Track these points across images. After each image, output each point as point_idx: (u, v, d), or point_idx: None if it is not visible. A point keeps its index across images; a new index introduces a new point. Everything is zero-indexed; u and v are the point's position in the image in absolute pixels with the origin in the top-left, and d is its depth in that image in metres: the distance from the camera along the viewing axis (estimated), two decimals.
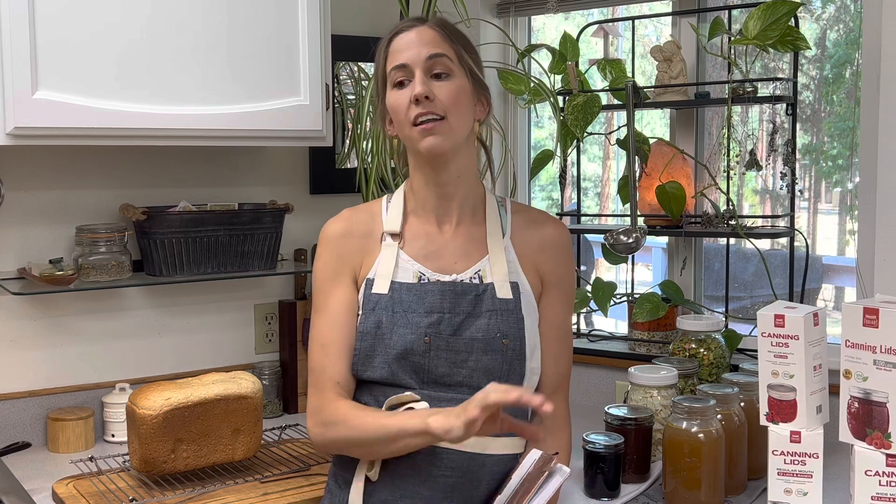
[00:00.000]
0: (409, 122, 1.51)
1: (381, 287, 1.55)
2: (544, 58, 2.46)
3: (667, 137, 2.42)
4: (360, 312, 1.57)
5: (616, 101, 2.36)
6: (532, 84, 2.39)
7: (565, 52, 2.40)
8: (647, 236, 2.18)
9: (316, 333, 1.59)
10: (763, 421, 1.64)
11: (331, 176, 2.55)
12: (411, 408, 1.50)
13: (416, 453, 1.49)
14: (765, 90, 2.17)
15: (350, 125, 2.56)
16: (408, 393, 1.51)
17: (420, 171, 1.59)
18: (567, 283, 1.64)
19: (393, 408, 1.52)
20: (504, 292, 1.55)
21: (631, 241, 2.17)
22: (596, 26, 2.45)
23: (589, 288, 2.42)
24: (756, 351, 1.76)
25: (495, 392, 1.34)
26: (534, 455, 1.49)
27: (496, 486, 1.53)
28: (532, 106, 2.50)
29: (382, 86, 1.57)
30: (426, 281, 1.55)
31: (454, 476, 1.50)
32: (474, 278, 1.56)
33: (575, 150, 2.47)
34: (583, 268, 2.57)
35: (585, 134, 2.32)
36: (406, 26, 1.56)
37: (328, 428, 1.54)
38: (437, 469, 1.50)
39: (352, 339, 1.56)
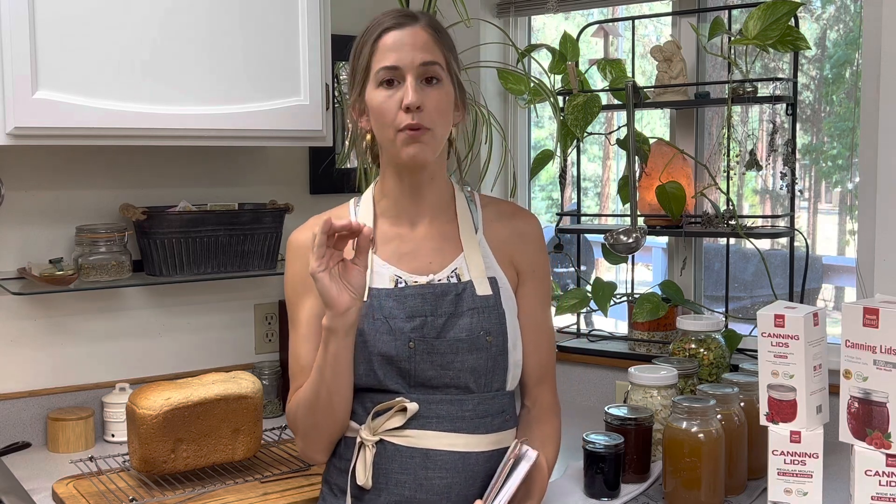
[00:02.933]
0: (394, 127, 1.48)
1: None
2: (544, 58, 2.46)
3: (667, 137, 2.42)
4: None
5: (616, 101, 2.36)
6: (532, 84, 2.39)
7: (565, 52, 2.40)
8: (647, 236, 2.18)
9: (291, 346, 1.59)
10: (763, 421, 1.64)
11: (331, 176, 2.55)
12: (403, 409, 1.48)
13: (408, 458, 1.48)
14: (765, 90, 2.17)
15: (350, 125, 2.56)
16: (397, 399, 1.49)
17: (394, 173, 1.57)
18: (541, 272, 1.62)
19: (381, 413, 1.50)
20: (483, 289, 1.53)
21: (631, 241, 2.17)
22: (596, 26, 2.45)
23: (589, 288, 2.42)
24: (756, 351, 1.76)
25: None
26: (511, 445, 1.48)
27: None
28: (532, 106, 2.50)
29: (363, 79, 1.52)
30: (404, 285, 1.53)
31: (448, 477, 1.49)
32: (451, 277, 1.54)
33: (575, 150, 2.47)
34: (583, 268, 2.57)
35: (585, 134, 2.32)
36: (397, 23, 1.50)
37: (296, 426, 1.54)
38: (430, 472, 1.49)
39: None
